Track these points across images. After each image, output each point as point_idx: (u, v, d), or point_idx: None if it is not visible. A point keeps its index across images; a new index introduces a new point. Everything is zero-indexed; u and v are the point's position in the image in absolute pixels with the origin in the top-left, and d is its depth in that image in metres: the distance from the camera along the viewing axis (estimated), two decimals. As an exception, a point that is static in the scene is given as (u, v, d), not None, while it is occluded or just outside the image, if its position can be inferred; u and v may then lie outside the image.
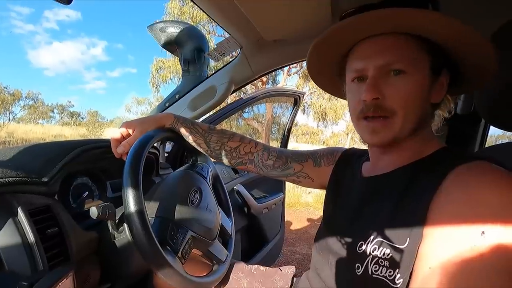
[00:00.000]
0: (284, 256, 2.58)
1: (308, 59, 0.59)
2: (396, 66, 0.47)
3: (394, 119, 0.49)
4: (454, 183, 0.42)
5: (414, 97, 0.48)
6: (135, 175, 0.58)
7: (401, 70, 0.47)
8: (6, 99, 26.32)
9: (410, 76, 0.47)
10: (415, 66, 0.47)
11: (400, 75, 0.47)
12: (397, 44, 0.48)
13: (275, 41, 0.99)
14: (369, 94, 0.48)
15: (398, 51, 0.47)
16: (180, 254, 0.62)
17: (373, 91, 0.48)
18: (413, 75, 0.47)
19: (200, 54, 1.13)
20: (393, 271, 0.44)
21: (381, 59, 0.48)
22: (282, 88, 1.92)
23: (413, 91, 0.47)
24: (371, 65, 0.49)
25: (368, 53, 0.50)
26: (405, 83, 0.47)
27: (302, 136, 26.54)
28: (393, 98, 0.48)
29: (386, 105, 0.48)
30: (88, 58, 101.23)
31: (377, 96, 0.48)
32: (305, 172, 0.75)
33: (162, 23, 1.13)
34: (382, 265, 0.45)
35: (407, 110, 0.48)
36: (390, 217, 0.47)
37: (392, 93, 0.48)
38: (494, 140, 2.77)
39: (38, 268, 0.49)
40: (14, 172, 0.55)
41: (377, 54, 0.49)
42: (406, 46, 0.47)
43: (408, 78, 0.47)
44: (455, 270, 0.36)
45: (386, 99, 0.48)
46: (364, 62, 0.50)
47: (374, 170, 0.58)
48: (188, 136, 0.76)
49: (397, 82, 0.48)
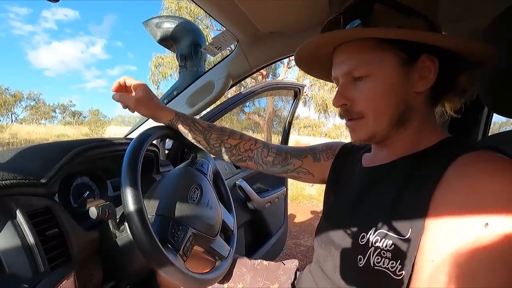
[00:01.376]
0: (288, 249, 2.60)
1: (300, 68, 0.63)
2: (357, 73, 0.50)
3: (366, 120, 0.52)
4: (456, 173, 0.41)
5: (382, 97, 0.49)
6: (133, 174, 0.58)
7: (363, 76, 0.50)
8: (8, 101, 26.45)
9: (374, 78, 0.49)
10: (377, 67, 0.48)
11: (364, 80, 0.50)
12: (357, 49, 0.50)
13: (272, 33, 0.97)
14: (336, 101, 0.53)
15: (357, 57, 0.50)
16: (181, 252, 0.62)
17: (339, 98, 0.52)
18: (376, 76, 0.49)
19: (196, 49, 1.12)
20: (395, 262, 0.43)
21: (344, 67, 0.51)
22: (282, 81, 1.90)
23: (379, 92, 0.49)
24: (339, 73, 0.53)
25: (337, 62, 0.53)
26: (370, 86, 0.49)
27: (304, 129, 26.46)
28: (360, 103, 0.51)
29: (354, 110, 0.52)
30: (88, 57, 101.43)
31: (344, 103, 0.52)
32: (305, 167, 0.74)
33: (157, 18, 1.12)
34: (385, 257, 0.45)
35: (376, 111, 0.50)
36: (391, 208, 0.46)
37: (359, 98, 0.51)
38: (498, 127, 2.74)
39: (39, 270, 0.49)
40: (12, 175, 0.54)
41: (342, 62, 0.52)
42: (364, 50, 0.49)
43: (372, 80, 0.49)
44: (459, 262, 0.36)
45: (354, 104, 0.52)
46: (335, 70, 0.54)
47: (374, 160, 0.58)
48: (187, 133, 0.76)
49: (362, 86, 0.50)
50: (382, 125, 0.51)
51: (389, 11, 0.47)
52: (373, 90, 0.49)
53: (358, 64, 0.49)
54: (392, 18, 0.47)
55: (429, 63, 0.48)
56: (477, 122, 1.09)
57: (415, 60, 0.48)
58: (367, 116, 0.51)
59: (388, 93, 0.49)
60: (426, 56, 0.48)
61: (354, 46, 0.50)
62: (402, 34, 0.45)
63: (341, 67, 0.52)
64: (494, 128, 1.21)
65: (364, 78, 0.50)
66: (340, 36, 0.50)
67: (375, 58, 0.48)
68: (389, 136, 0.52)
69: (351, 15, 0.49)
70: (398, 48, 0.47)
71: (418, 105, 0.51)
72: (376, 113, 0.50)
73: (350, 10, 0.49)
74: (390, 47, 0.47)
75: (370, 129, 0.52)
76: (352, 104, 0.52)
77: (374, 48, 0.48)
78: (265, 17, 0.86)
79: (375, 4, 0.47)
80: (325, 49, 0.55)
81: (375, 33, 0.46)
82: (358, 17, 0.48)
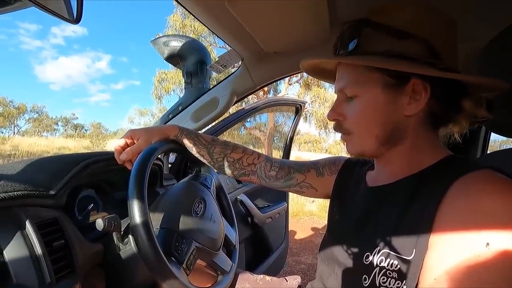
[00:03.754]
0: (288, 266, 2.55)
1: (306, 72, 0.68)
2: (348, 92, 0.53)
3: (353, 137, 0.55)
4: (458, 192, 0.41)
5: (367, 117, 0.52)
6: (140, 187, 0.59)
7: (352, 96, 0.53)
8: (11, 113, 26.70)
9: (361, 99, 0.52)
10: (364, 89, 0.51)
11: (354, 99, 0.53)
12: (348, 70, 0.53)
13: (275, 53, 1.01)
14: (329, 115, 0.56)
15: (348, 77, 0.53)
16: (185, 265, 0.62)
17: (331, 113, 0.56)
18: (363, 98, 0.51)
19: (202, 67, 1.16)
20: (400, 282, 0.44)
21: (339, 85, 0.55)
22: (284, 97, 1.93)
23: (364, 112, 0.52)
24: (336, 89, 0.56)
25: (336, 77, 0.57)
26: (357, 106, 0.52)
27: (305, 145, 26.48)
28: (349, 120, 0.54)
29: (344, 126, 0.55)
30: (93, 72, 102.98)
31: (336, 118, 0.56)
32: (308, 182, 0.75)
33: (165, 37, 1.16)
34: (391, 277, 0.45)
35: (361, 129, 0.53)
36: (396, 228, 0.47)
37: (349, 115, 0.54)
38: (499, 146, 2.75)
39: (46, 281, 0.49)
40: (22, 186, 0.56)
41: (338, 79, 0.56)
42: (354, 72, 0.52)
43: (359, 101, 0.52)
44: (460, 280, 0.36)
45: (345, 120, 0.55)
46: (334, 86, 0.58)
47: (379, 179, 0.58)
48: (192, 147, 0.77)
49: (352, 105, 0.53)
50: (368, 144, 0.53)
51: (377, 35, 0.49)
52: (360, 110, 0.52)
53: (347, 84, 0.53)
54: (381, 42, 0.48)
55: (419, 87, 0.48)
56: (475, 139, 1.10)
57: (404, 84, 0.48)
58: (353, 133, 0.54)
59: (373, 115, 0.51)
60: (416, 80, 0.47)
61: (347, 66, 0.53)
62: (380, 63, 0.48)
63: (337, 83, 0.56)
64: (494, 146, 1.23)
65: (354, 97, 0.52)
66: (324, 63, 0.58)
67: (362, 80, 0.51)
68: (380, 153, 0.54)
69: (345, 39, 0.52)
70: (385, 72, 0.48)
71: (411, 126, 0.51)
72: (361, 132, 0.53)
73: (345, 33, 0.53)
74: (377, 71, 0.49)
75: (357, 146, 0.55)
76: (344, 120, 0.55)
77: (363, 71, 0.50)
78: (269, 37, 0.90)
79: (363, 28, 0.49)
80: (327, 66, 0.60)
81: (353, 61, 0.50)
82: (349, 41, 0.51)
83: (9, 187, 0.53)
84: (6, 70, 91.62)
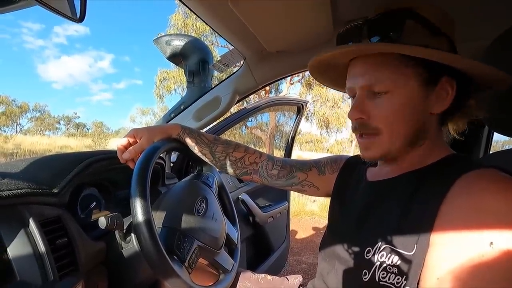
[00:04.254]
0: (289, 266, 2.55)
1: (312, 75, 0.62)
2: (377, 88, 0.49)
3: (381, 137, 0.51)
4: (460, 191, 0.41)
5: (399, 115, 0.49)
6: (143, 185, 0.59)
7: (383, 91, 0.48)
8: (14, 112, 26.81)
9: (394, 95, 0.48)
10: (399, 84, 0.48)
11: (384, 95, 0.49)
12: (379, 64, 0.48)
13: (278, 52, 1.01)
14: (353, 114, 0.51)
15: (379, 72, 0.48)
16: (187, 264, 0.63)
17: (356, 112, 0.51)
18: (397, 94, 0.48)
19: (204, 66, 1.16)
20: (401, 278, 0.44)
21: (364, 80, 0.50)
22: (285, 97, 1.93)
23: (397, 110, 0.48)
24: (357, 85, 0.51)
25: (354, 73, 0.52)
26: (389, 103, 0.48)
27: (306, 144, 26.48)
28: (377, 118, 0.50)
29: (371, 125, 0.51)
30: (95, 71, 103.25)
31: (360, 116, 0.51)
32: (309, 180, 0.75)
33: (168, 36, 1.17)
34: (390, 272, 0.45)
35: (392, 128, 0.49)
36: (397, 223, 0.47)
37: (377, 113, 0.50)
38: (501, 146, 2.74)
39: (49, 278, 0.50)
40: (26, 184, 0.56)
41: (361, 75, 0.50)
42: (388, 65, 0.48)
43: (391, 97, 0.48)
44: (463, 280, 0.36)
45: (371, 119, 0.50)
46: (352, 82, 0.52)
47: (379, 174, 0.58)
48: (194, 146, 0.77)
49: (381, 102, 0.49)
50: (396, 144, 0.50)
51: (418, 29, 0.46)
52: (391, 107, 0.48)
53: (379, 79, 0.48)
54: (420, 35, 0.46)
55: (447, 86, 0.48)
56: (478, 139, 1.10)
57: (436, 81, 0.48)
58: (382, 133, 0.50)
59: (406, 112, 0.48)
60: (446, 78, 0.47)
61: (377, 60, 0.48)
62: (432, 54, 0.44)
63: (359, 79, 0.51)
64: (496, 146, 1.23)
65: (384, 93, 0.49)
66: (372, 48, 0.48)
67: (397, 75, 0.47)
68: (400, 155, 0.52)
69: (378, 27, 0.48)
70: (421, 67, 0.47)
71: (431, 126, 0.51)
72: (392, 130, 0.50)
73: (377, 21, 0.48)
74: (414, 65, 0.47)
75: (384, 147, 0.51)
76: (369, 119, 0.51)
77: (398, 64, 0.47)
78: (272, 36, 0.90)
79: (408, 20, 0.46)
80: (341, 59, 0.54)
81: (407, 50, 0.45)
82: (387, 30, 0.47)
83: (13, 185, 0.53)
84: (9, 69, 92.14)
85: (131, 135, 0.73)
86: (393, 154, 0.52)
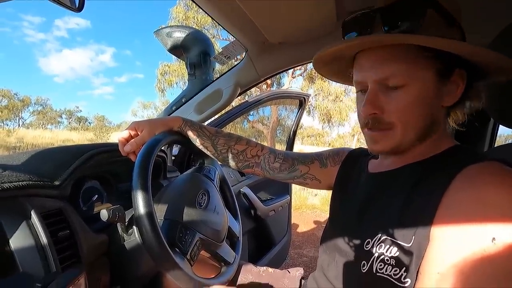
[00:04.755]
0: (291, 259, 2.57)
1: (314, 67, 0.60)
2: (392, 81, 0.46)
3: (394, 131, 0.49)
4: (463, 184, 0.41)
5: (415, 109, 0.47)
6: (144, 178, 0.59)
7: (400, 85, 0.46)
8: (16, 105, 26.89)
9: (410, 88, 0.46)
10: (415, 77, 0.46)
11: (399, 89, 0.47)
12: (394, 56, 0.46)
13: (280, 43, 1.00)
14: (366, 109, 0.49)
15: (394, 65, 0.46)
16: (189, 256, 0.63)
17: (370, 107, 0.48)
18: (413, 87, 0.46)
19: (206, 58, 1.15)
20: (399, 270, 0.43)
21: (378, 73, 0.47)
22: (287, 90, 1.92)
23: (413, 104, 0.46)
24: (369, 79, 0.49)
25: (366, 66, 0.49)
26: (404, 97, 0.46)
27: (308, 138, 26.45)
28: (392, 112, 0.48)
29: (384, 119, 0.48)
30: (96, 65, 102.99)
31: (374, 112, 0.48)
32: (311, 173, 0.75)
33: (169, 28, 1.15)
34: (388, 263, 0.44)
35: (407, 123, 0.48)
36: (397, 215, 0.46)
37: (391, 107, 0.47)
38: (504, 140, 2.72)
39: (51, 270, 0.50)
40: (27, 176, 0.56)
41: (374, 68, 0.48)
42: (405, 57, 0.45)
43: (407, 91, 0.46)
44: (464, 275, 0.36)
45: (385, 113, 0.48)
46: (363, 75, 0.50)
47: (381, 166, 0.58)
48: (195, 139, 0.77)
49: (396, 96, 0.47)
50: (408, 138, 0.49)
51: (438, 19, 0.44)
52: (407, 100, 0.46)
53: (395, 72, 0.46)
54: (438, 26, 0.44)
55: (459, 77, 0.47)
56: (483, 133, 1.09)
57: (450, 73, 0.47)
58: (395, 127, 0.48)
59: (421, 105, 0.47)
60: (459, 70, 0.46)
61: (392, 51, 0.45)
62: (460, 47, 0.42)
63: (371, 72, 0.48)
64: (500, 141, 1.21)
65: (400, 87, 0.46)
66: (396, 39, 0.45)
67: (415, 68, 0.45)
68: (409, 149, 0.51)
69: (395, 16, 0.45)
70: (435, 59, 0.45)
71: (441, 118, 0.50)
72: (407, 124, 0.48)
73: (394, 10, 0.45)
74: (430, 57, 0.45)
75: (396, 141, 0.49)
76: (382, 114, 0.48)
77: (415, 57, 0.45)
78: (274, 27, 0.88)
79: (429, 9, 0.43)
80: (349, 51, 0.51)
81: (436, 43, 0.42)
82: (405, 19, 0.44)
83: (14, 177, 0.53)
84: (11, 62, 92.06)
85: (133, 127, 0.72)
86: (403, 147, 0.50)
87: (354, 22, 0.50)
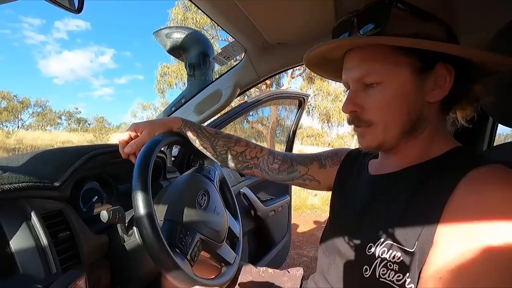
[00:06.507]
0: (291, 259, 2.57)
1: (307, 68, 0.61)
2: (368, 79, 0.48)
3: (374, 128, 0.50)
4: (467, 189, 0.40)
5: (393, 105, 0.48)
6: (144, 179, 0.59)
7: (375, 83, 0.48)
8: (15, 107, 26.88)
9: (386, 86, 0.47)
10: (390, 74, 0.47)
11: (376, 87, 0.48)
12: (369, 56, 0.48)
13: (279, 44, 1.00)
14: (345, 107, 0.51)
15: (369, 64, 0.48)
16: (189, 257, 0.63)
17: (349, 105, 0.51)
18: (389, 84, 0.47)
19: (205, 59, 1.15)
20: (402, 275, 0.43)
21: (356, 72, 0.49)
22: (287, 90, 1.92)
23: (390, 100, 0.48)
24: (350, 78, 0.51)
25: (348, 66, 0.52)
26: (381, 94, 0.48)
27: (307, 138, 26.47)
28: (370, 110, 0.49)
29: (364, 117, 0.50)
30: (96, 66, 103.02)
31: (354, 109, 0.51)
32: (310, 174, 0.74)
33: (168, 29, 1.15)
34: (391, 269, 0.44)
35: (386, 119, 0.49)
36: (399, 219, 0.46)
37: (370, 105, 0.49)
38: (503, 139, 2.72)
39: (52, 271, 0.50)
40: (27, 177, 0.56)
41: (353, 67, 0.50)
42: (379, 56, 0.47)
43: (384, 88, 0.48)
44: (468, 282, 0.35)
45: (364, 111, 0.50)
46: (345, 75, 0.52)
47: (382, 168, 0.57)
48: (195, 140, 0.77)
49: (374, 93, 0.49)
50: (391, 134, 0.49)
51: (405, 16, 0.45)
52: (384, 98, 0.48)
53: (370, 70, 0.48)
54: (408, 23, 0.45)
55: (444, 71, 0.46)
56: (482, 132, 1.09)
57: (430, 68, 0.46)
58: (375, 124, 0.50)
59: (400, 102, 0.47)
60: (441, 64, 0.46)
61: (367, 51, 0.48)
62: (419, 44, 0.43)
63: (352, 72, 0.50)
64: (499, 140, 1.21)
65: (376, 85, 0.48)
66: (355, 43, 0.49)
67: (388, 65, 0.47)
68: (397, 145, 0.51)
69: (366, 19, 0.47)
70: (413, 55, 0.45)
71: (431, 114, 0.49)
72: (386, 122, 0.49)
73: (364, 13, 0.47)
74: (405, 54, 0.46)
75: (379, 138, 0.50)
76: (362, 111, 0.50)
77: (388, 54, 0.46)
78: (273, 28, 0.88)
79: (392, 9, 0.44)
80: (336, 53, 0.53)
81: (390, 41, 0.44)
82: (373, 21, 0.46)
83: (14, 179, 0.53)
84: (10, 64, 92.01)
85: (132, 129, 0.72)
86: (389, 144, 0.51)
87: (339, 27, 0.52)
